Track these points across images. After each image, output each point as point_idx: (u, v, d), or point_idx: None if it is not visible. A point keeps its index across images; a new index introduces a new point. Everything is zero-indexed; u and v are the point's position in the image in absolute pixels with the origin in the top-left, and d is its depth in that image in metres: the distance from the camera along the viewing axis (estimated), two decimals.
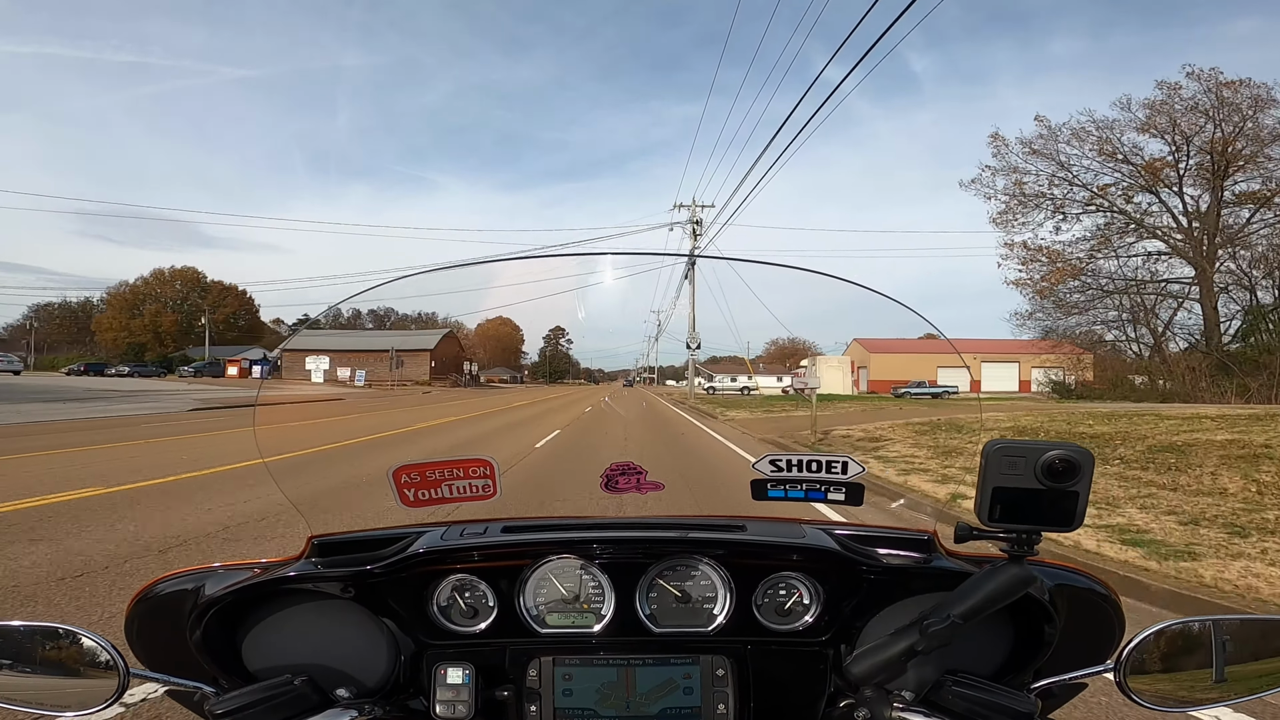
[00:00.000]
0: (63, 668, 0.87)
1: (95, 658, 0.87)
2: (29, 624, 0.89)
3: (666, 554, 1.08)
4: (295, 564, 1.06)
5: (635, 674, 1.03)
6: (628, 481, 1.19)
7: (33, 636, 0.89)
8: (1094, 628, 1.03)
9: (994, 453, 0.82)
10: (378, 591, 1.05)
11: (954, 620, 0.84)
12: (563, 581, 1.09)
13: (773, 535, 1.12)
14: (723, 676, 1.03)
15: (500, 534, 1.13)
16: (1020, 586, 0.85)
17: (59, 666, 0.87)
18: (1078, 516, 0.82)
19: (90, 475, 7.72)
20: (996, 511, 0.83)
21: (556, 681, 1.03)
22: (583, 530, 1.12)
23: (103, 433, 13.15)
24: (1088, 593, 1.03)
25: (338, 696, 0.98)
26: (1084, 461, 0.80)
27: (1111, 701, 2.73)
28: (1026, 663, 1.02)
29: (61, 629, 0.88)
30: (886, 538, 1.11)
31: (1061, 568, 1.05)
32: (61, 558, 4.55)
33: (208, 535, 5.23)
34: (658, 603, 1.08)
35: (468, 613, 1.08)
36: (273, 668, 1.03)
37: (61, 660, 0.87)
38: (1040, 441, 0.82)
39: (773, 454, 1.12)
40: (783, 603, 1.08)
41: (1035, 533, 0.84)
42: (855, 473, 1.09)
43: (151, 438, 12.41)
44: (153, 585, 1.05)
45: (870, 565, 1.05)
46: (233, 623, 1.05)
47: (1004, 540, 0.86)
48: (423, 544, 1.08)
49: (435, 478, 1.11)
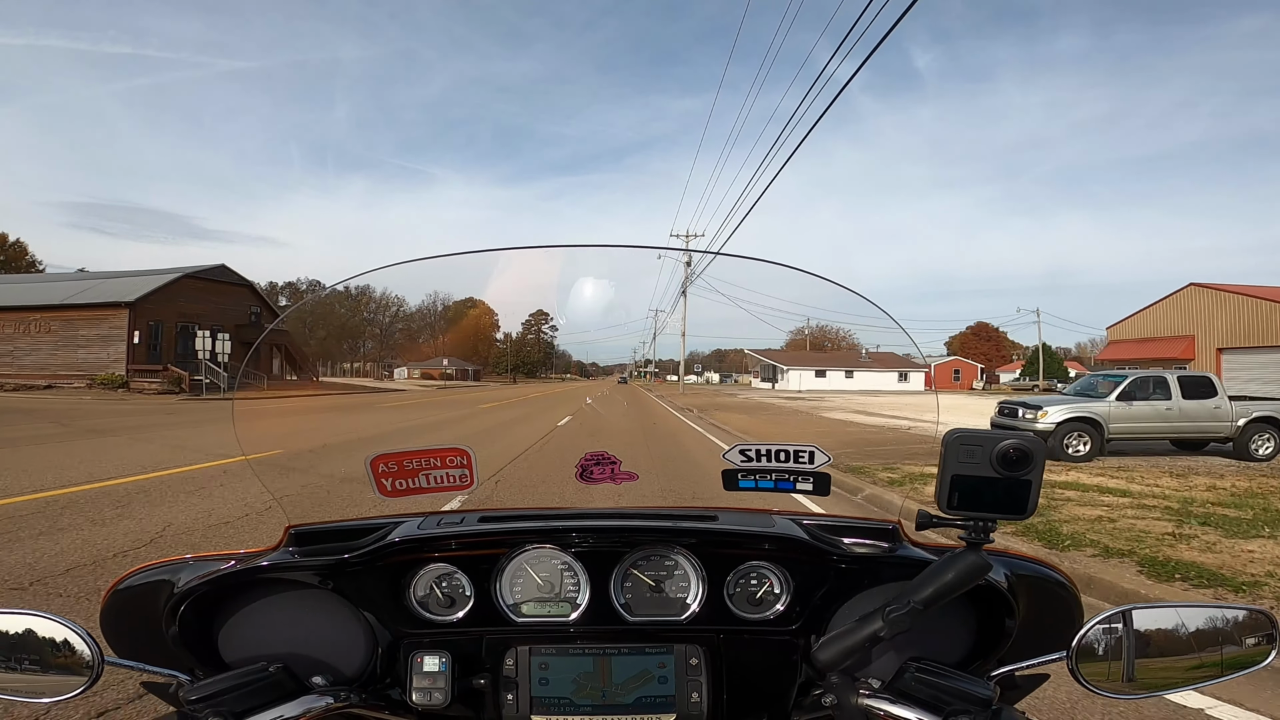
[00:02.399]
0: (36, 655, 0.87)
1: (69, 645, 0.87)
2: (1, 611, 0.89)
3: (640, 543, 1.10)
4: (272, 554, 1.07)
5: (611, 663, 1.05)
6: (602, 472, 1.21)
7: (6, 624, 0.89)
8: (1054, 617, 1.06)
9: (953, 441, 0.85)
10: (355, 581, 1.06)
11: (914, 606, 0.87)
12: (539, 571, 1.10)
13: (744, 525, 1.14)
14: (696, 665, 1.05)
15: (477, 523, 1.14)
16: (977, 573, 0.87)
17: (33, 654, 0.87)
18: (1030, 504, 0.84)
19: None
20: (955, 499, 0.86)
21: (533, 670, 1.05)
22: (558, 520, 1.14)
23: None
24: (1046, 582, 1.06)
25: (314, 684, 0.99)
26: (1036, 451, 0.82)
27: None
28: (989, 651, 1.06)
29: (35, 616, 0.88)
30: (853, 527, 1.14)
31: (1021, 558, 1.08)
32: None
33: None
34: (632, 592, 1.10)
35: (445, 602, 1.09)
36: (248, 657, 1.04)
37: (35, 647, 0.87)
38: (996, 431, 0.84)
39: (742, 444, 1.14)
40: (754, 592, 1.10)
41: (991, 520, 0.87)
42: (822, 462, 1.12)
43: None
44: (128, 576, 1.05)
45: (838, 554, 1.07)
46: (209, 613, 1.05)
47: (962, 528, 0.88)
48: (399, 533, 1.09)
49: (413, 467, 1.12)
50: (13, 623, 0.89)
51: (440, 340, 5.59)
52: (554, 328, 11.15)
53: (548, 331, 5.33)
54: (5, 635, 0.88)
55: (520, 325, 6.17)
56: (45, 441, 11.35)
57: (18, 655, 0.87)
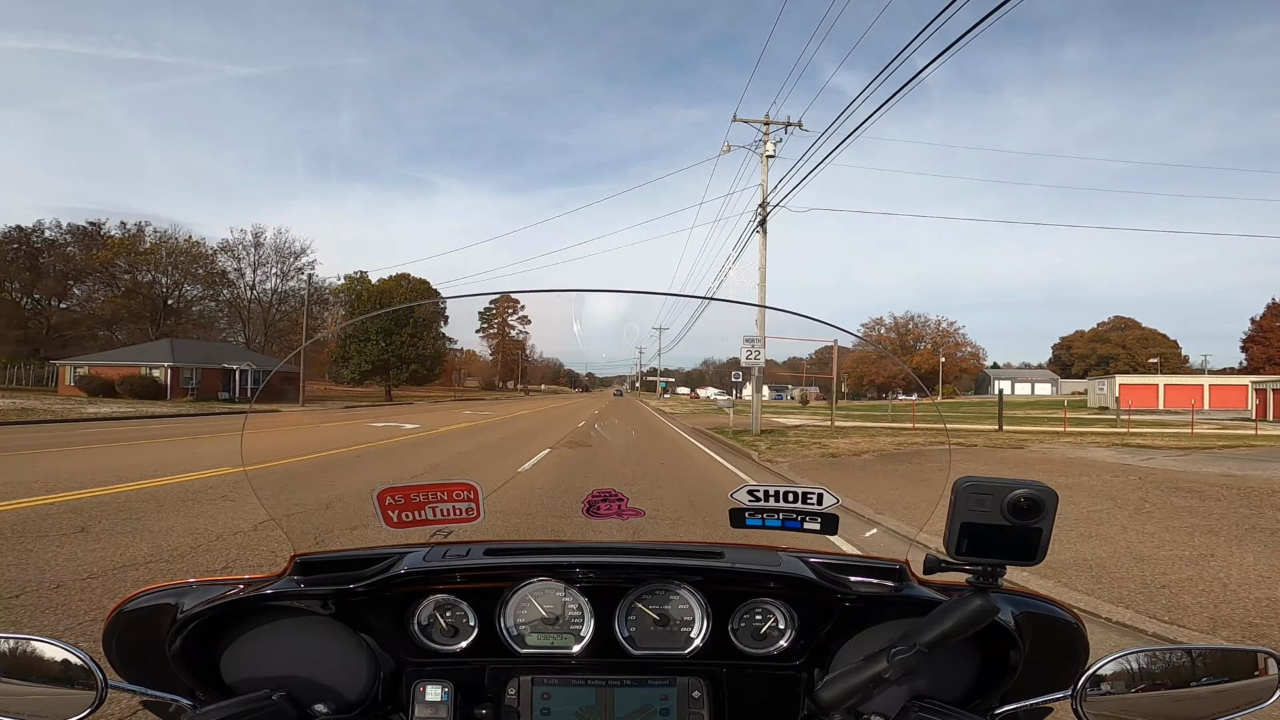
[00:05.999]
0: (40, 678, 0.87)
1: (73, 669, 0.87)
2: (5, 635, 0.89)
3: (646, 579, 1.11)
4: (278, 581, 1.07)
5: (613, 695, 1.04)
6: (609, 508, 1.22)
7: (10, 648, 0.89)
8: (1058, 655, 1.06)
9: (963, 490, 0.87)
10: (359, 609, 1.07)
11: (920, 649, 0.87)
12: (543, 603, 1.10)
13: (749, 563, 1.14)
14: (699, 698, 1.05)
15: (482, 556, 1.14)
16: (984, 617, 0.88)
17: (37, 677, 0.87)
18: (1040, 551, 0.86)
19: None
20: (964, 545, 0.87)
21: (535, 701, 1.04)
22: (563, 554, 1.14)
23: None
24: (1052, 620, 1.06)
25: (316, 712, 0.99)
26: (1048, 500, 0.84)
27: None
28: (992, 688, 1.05)
29: (39, 640, 0.89)
30: (860, 566, 1.14)
31: (1027, 595, 1.08)
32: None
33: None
34: (636, 625, 1.10)
35: (448, 631, 1.09)
36: (251, 681, 1.04)
37: (39, 671, 0.88)
38: (1007, 480, 0.86)
39: (750, 485, 1.16)
40: (758, 627, 1.10)
41: (1000, 566, 0.88)
42: (830, 504, 1.13)
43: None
44: (131, 599, 1.06)
45: (844, 593, 1.07)
46: (211, 637, 1.05)
47: (970, 572, 0.89)
48: (405, 565, 1.09)
49: (419, 500, 1.14)
50: (18, 646, 0.89)
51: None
52: (524, 319, 9.01)
53: (516, 325, 4.28)
54: (11, 658, 0.88)
55: (477, 317, 4.46)
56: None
57: (23, 678, 0.88)
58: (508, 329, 64.44)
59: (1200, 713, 0.88)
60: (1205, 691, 0.89)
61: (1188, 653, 0.92)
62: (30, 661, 0.88)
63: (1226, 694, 0.88)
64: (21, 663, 0.88)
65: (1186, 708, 0.89)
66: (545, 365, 11.93)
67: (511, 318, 63.42)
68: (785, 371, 27.15)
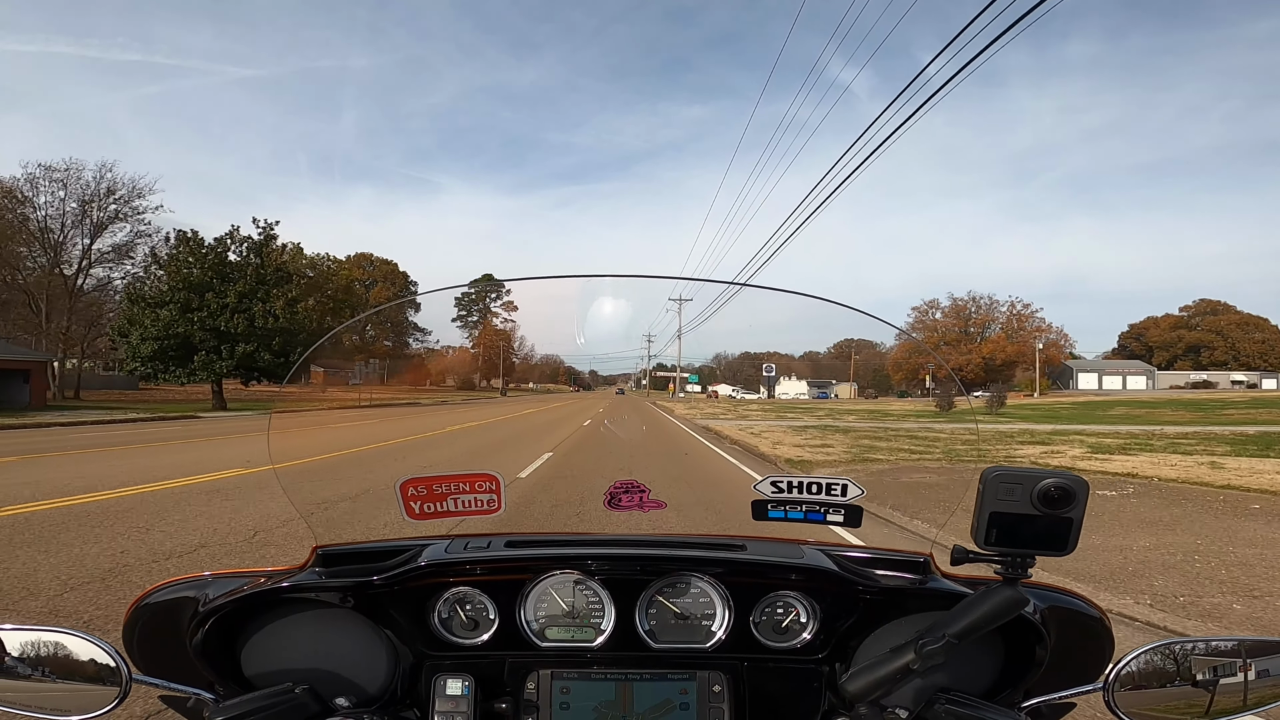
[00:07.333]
0: (65, 672, 0.87)
1: (98, 663, 0.87)
2: (31, 628, 0.89)
3: (666, 571, 1.10)
4: (299, 573, 1.07)
5: (633, 689, 1.03)
6: (630, 500, 1.21)
7: (35, 641, 0.88)
8: (1084, 648, 1.05)
9: (992, 479, 0.86)
10: (379, 602, 1.06)
11: (949, 640, 0.86)
12: (563, 596, 1.10)
13: (772, 555, 1.13)
14: (719, 693, 1.04)
15: (503, 549, 1.14)
16: (1013, 608, 0.87)
17: (61, 671, 0.87)
18: (1071, 541, 0.84)
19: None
20: (993, 535, 0.86)
21: (554, 695, 1.03)
22: (584, 546, 1.13)
23: None
24: (1078, 614, 1.05)
25: (337, 705, 0.98)
26: (1079, 489, 0.83)
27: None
28: (1017, 681, 1.04)
29: (64, 633, 0.88)
30: (884, 559, 1.13)
31: (1053, 590, 1.08)
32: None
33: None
34: (657, 619, 1.09)
35: (468, 625, 1.08)
36: (271, 674, 1.03)
37: (64, 665, 0.87)
38: (1037, 469, 0.85)
39: (774, 475, 1.15)
40: (780, 621, 1.09)
41: (1030, 556, 0.87)
42: (854, 495, 1.12)
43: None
44: (151, 592, 1.05)
45: (867, 586, 1.07)
46: (232, 630, 1.05)
47: (999, 563, 0.88)
48: (426, 557, 1.09)
49: (441, 491, 1.13)
50: (42, 639, 0.89)
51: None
52: (510, 305, 7.32)
53: (501, 313, 3.32)
54: (35, 652, 0.88)
55: (454, 303, 3.58)
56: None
57: (47, 671, 0.87)
58: (491, 316, 51.19)
59: (1233, 705, 0.88)
60: (1237, 684, 0.88)
61: (1218, 645, 0.91)
62: (55, 654, 0.88)
63: (1261, 687, 0.88)
64: (46, 655, 0.88)
65: (1219, 701, 0.88)
66: (543, 363, 11.42)
67: (495, 304, 48.43)
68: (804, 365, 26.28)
